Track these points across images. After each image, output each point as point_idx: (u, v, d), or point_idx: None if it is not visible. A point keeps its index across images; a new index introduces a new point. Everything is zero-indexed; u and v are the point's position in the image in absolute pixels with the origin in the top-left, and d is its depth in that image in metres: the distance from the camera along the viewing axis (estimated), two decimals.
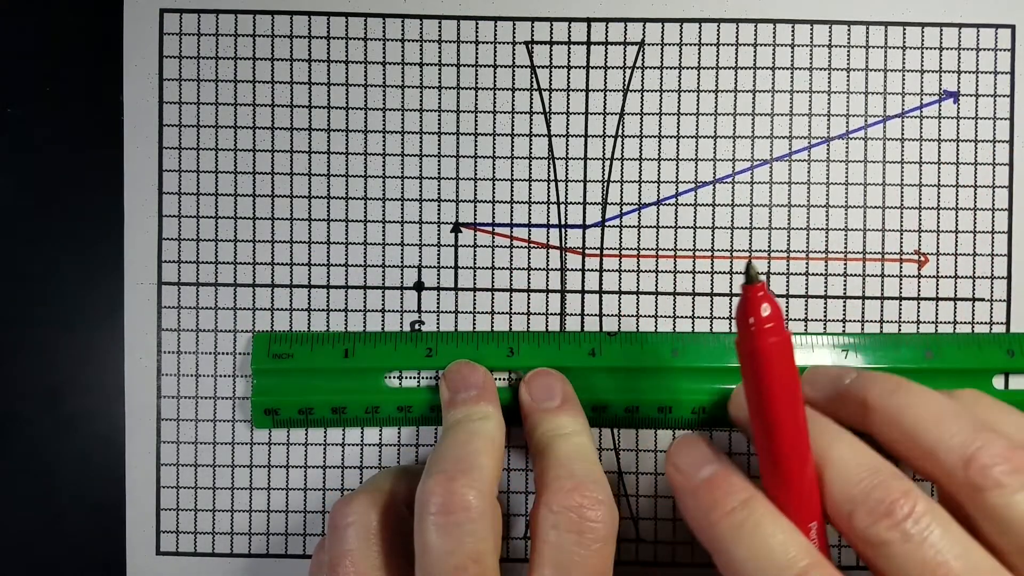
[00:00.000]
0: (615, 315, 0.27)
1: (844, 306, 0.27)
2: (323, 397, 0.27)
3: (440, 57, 0.27)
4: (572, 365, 0.26)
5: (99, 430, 0.28)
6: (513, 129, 0.27)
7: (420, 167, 0.28)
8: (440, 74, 0.27)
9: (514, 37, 0.27)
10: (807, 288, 0.27)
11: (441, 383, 0.26)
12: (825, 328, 0.27)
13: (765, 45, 0.27)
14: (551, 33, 0.27)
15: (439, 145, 0.28)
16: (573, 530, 0.21)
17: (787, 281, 0.27)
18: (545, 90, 0.27)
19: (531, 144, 0.28)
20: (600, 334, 0.27)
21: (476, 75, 0.27)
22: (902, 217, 0.27)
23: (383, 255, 0.28)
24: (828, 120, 0.27)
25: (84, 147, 0.28)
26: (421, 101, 0.27)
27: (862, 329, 0.27)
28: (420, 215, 0.28)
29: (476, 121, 0.27)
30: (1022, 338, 0.27)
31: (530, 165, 0.27)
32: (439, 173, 0.28)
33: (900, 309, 0.27)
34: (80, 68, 0.28)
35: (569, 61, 0.27)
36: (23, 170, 0.28)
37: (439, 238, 0.28)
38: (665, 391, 0.26)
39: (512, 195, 0.27)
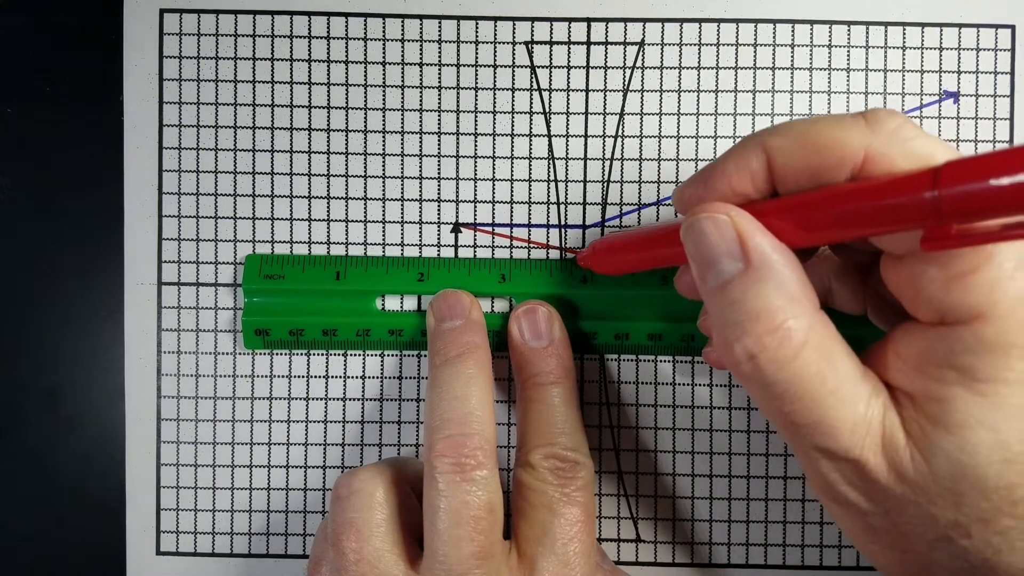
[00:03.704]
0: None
1: None
2: (314, 319, 0.27)
3: (440, 57, 0.27)
4: (564, 292, 0.26)
5: (99, 430, 0.28)
6: (513, 129, 0.27)
7: (420, 167, 0.28)
8: (440, 74, 0.27)
9: (514, 37, 0.27)
10: None
11: (428, 311, 0.26)
12: None
13: (765, 45, 0.27)
14: (551, 33, 0.27)
15: (439, 145, 0.28)
16: (554, 482, 0.23)
17: None
18: (545, 90, 0.27)
19: (531, 144, 0.28)
20: None
21: (476, 75, 0.27)
22: None
23: (383, 255, 0.28)
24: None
25: (84, 147, 0.28)
26: (421, 101, 0.27)
27: None
28: (420, 215, 0.28)
29: (476, 121, 0.27)
30: None
31: (530, 165, 0.27)
32: (439, 173, 0.28)
33: None
34: (80, 68, 0.28)
35: (569, 61, 0.27)
36: (23, 170, 0.28)
37: (439, 238, 0.28)
38: (656, 319, 0.26)
39: (512, 195, 0.27)
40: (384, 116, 0.28)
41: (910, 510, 0.17)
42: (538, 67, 0.27)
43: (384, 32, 0.27)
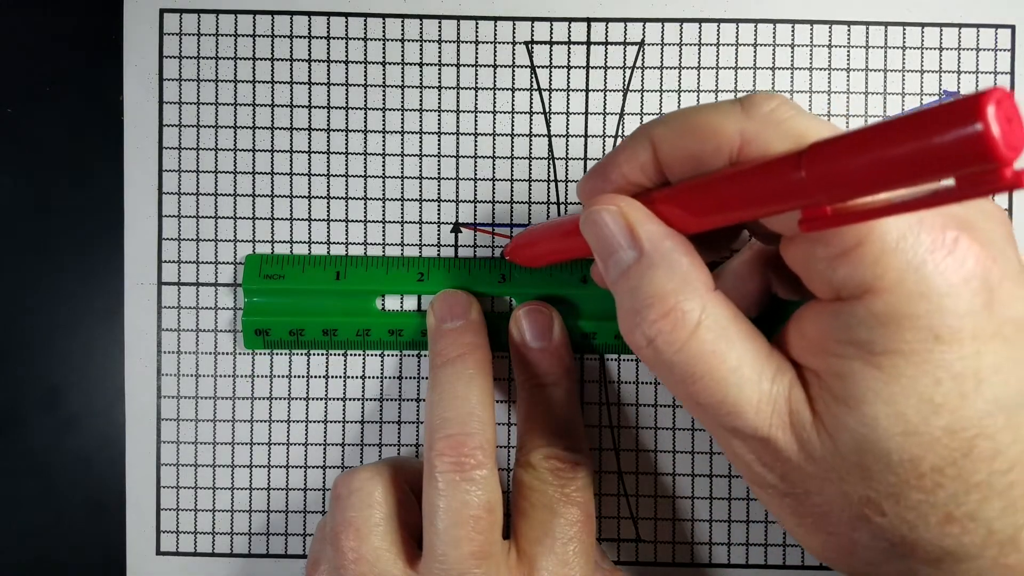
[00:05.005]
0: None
1: None
2: (314, 319, 0.27)
3: (440, 57, 0.27)
4: (564, 292, 0.26)
5: (99, 430, 0.28)
6: (513, 129, 0.27)
7: (420, 167, 0.28)
8: (440, 74, 0.27)
9: (514, 37, 0.27)
10: None
11: (428, 311, 0.26)
12: None
13: (765, 45, 0.27)
14: (551, 33, 0.27)
15: (439, 145, 0.28)
16: (554, 482, 0.23)
17: None
18: (545, 90, 0.27)
19: (531, 144, 0.28)
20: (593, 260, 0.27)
21: (476, 75, 0.27)
22: None
23: (383, 255, 0.28)
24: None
25: (84, 147, 0.28)
26: (421, 101, 0.27)
27: None
28: (420, 215, 0.28)
29: (476, 121, 0.27)
30: None
31: (530, 165, 0.27)
32: (439, 173, 0.28)
33: None
34: (80, 68, 0.28)
35: (569, 61, 0.27)
36: (23, 170, 0.28)
37: (439, 238, 0.28)
38: None
39: (512, 195, 0.27)
40: (384, 116, 0.28)
41: (826, 489, 0.17)
42: (538, 67, 0.27)
43: (384, 32, 0.27)
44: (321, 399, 0.28)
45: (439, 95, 0.27)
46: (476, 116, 0.27)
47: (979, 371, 0.16)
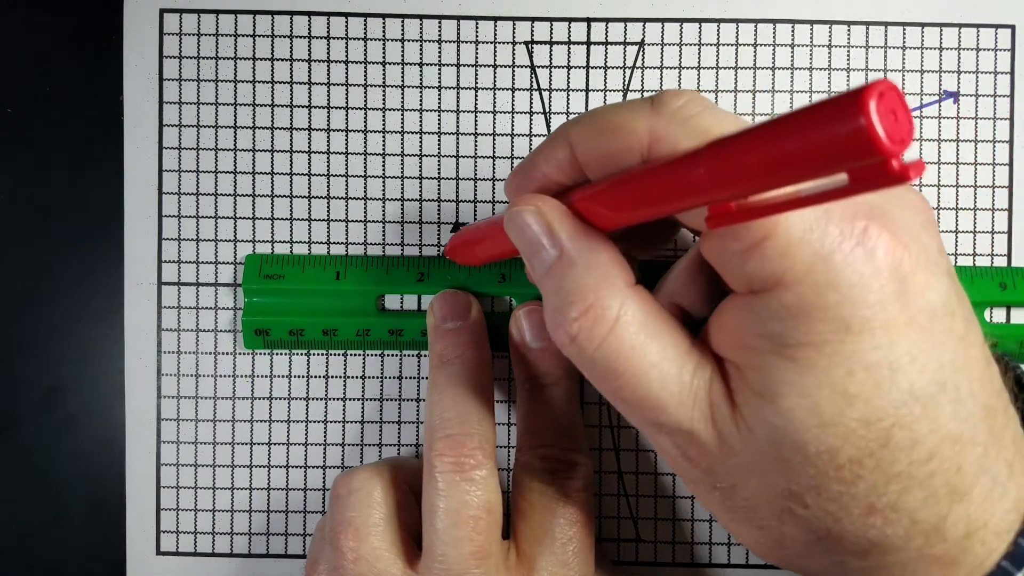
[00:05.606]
0: None
1: None
2: (314, 319, 0.27)
3: (440, 57, 0.27)
4: None
5: (99, 430, 0.28)
6: (513, 129, 0.27)
7: (420, 167, 0.28)
8: (440, 74, 0.27)
9: (514, 37, 0.27)
10: None
11: (428, 311, 0.26)
12: None
13: (765, 45, 0.27)
14: (551, 33, 0.27)
15: (439, 145, 0.28)
16: (554, 483, 0.23)
17: None
18: (545, 90, 0.27)
19: (531, 144, 0.28)
20: None
21: (476, 75, 0.27)
22: None
23: (383, 255, 0.28)
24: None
25: (84, 147, 0.28)
26: (421, 101, 0.27)
27: None
28: (420, 215, 0.28)
29: (476, 121, 0.27)
30: (1015, 271, 0.27)
31: None
32: (439, 173, 0.28)
33: None
34: (80, 68, 0.28)
35: (569, 61, 0.27)
36: (23, 170, 0.28)
37: (439, 238, 0.28)
38: None
39: None
40: (384, 116, 0.28)
41: (750, 483, 0.17)
42: (538, 67, 0.27)
43: (384, 32, 0.27)
44: (321, 399, 0.28)
45: (439, 95, 0.27)
46: (476, 116, 0.27)
47: (893, 361, 0.16)
